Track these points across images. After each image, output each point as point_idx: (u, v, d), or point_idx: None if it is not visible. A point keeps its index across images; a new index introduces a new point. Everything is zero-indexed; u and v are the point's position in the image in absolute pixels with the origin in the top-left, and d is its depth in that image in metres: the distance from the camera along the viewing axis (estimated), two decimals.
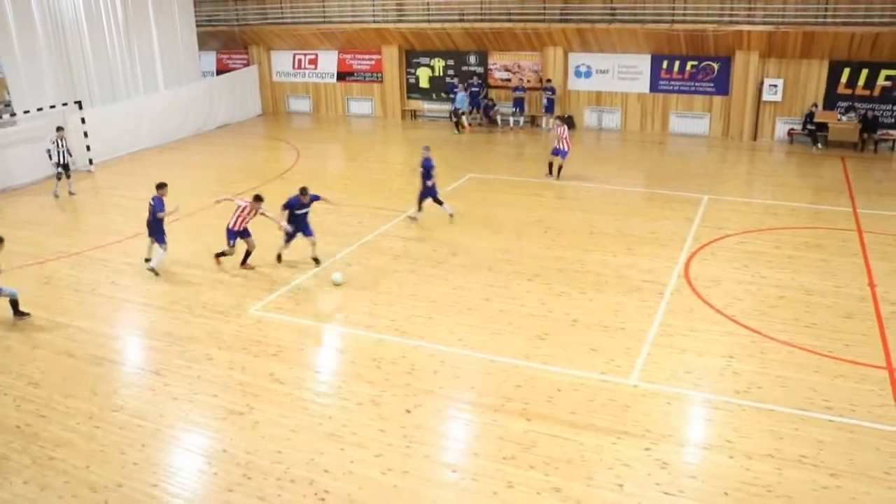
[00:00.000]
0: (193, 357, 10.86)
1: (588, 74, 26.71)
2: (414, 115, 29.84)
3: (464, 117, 27.22)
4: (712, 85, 25.13)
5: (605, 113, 26.83)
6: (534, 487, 7.91)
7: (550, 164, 20.27)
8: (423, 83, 29.33)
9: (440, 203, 16.31)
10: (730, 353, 10.68)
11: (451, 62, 28.64)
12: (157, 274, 13.94)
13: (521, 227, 16.29)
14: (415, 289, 13.06)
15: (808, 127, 23.61)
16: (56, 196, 19.38)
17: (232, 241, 13.84)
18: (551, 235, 15.73)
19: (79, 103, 22.21)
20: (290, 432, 8.96)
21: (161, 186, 14.00)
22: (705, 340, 11.12)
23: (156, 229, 13.88)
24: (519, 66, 27.59)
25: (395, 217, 16.96)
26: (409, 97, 29.83)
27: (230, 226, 13.76)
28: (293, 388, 10.01)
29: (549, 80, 26.54)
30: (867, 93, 23.24)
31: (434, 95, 29.06)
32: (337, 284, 13.16)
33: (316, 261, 14.15)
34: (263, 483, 8.04)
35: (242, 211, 13.68)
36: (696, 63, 25.09)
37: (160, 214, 13.72)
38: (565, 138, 19.63)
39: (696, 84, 25.36)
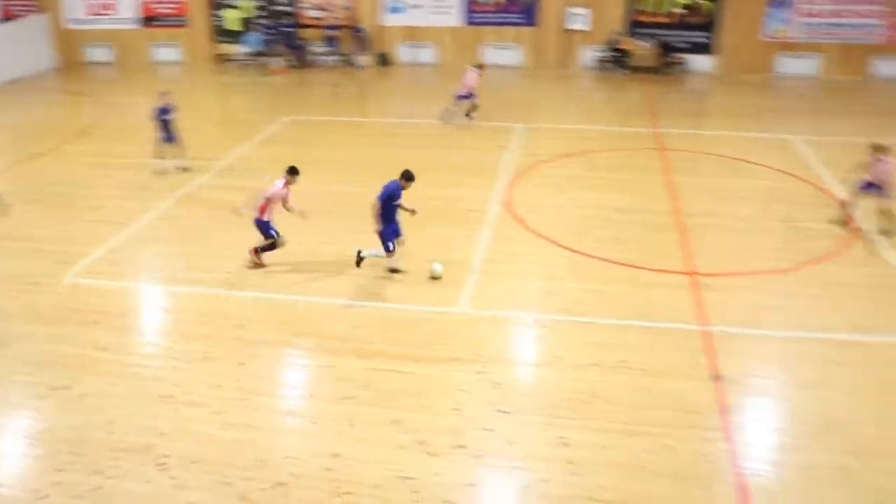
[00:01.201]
0: (8, 335, 10.06)
1: (401, 10, 26.56)
2: (226, 59, 28.51)
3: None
4: (522, 16, 25.73)
5: (421, 48, 26.85)
6: (375, 423, 8.07)
7: (468, 111, 19.49)
8: (233, 25, 28.02)
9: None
10: (551, 274, 11.28)
11: (261, 2, 27.50)
12: None
13: (347, 167, 16.18)
14: (236, 239, 12.46)
15: (613, 54, 24.84)
16: None
17: (273, 231, 11.61)
18: (377, 172, 15.61)
19: None
20: (119, 400, 8.58)
21: None
22: (528, 263, 11.66)
23: None
24: (330, 3, 26.95)
25: (211, 167, 16.34)
26: (219, 41, 28.45)
27: (261, 217, 11.49)
28: (119, 354, 9.55)
29: (355, 20, 26.10)
30: (665, 20, 24.76)
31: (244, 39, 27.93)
32: (436, 277, 11.21)
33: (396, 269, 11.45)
34: (97, 456, 7.68)
35: (274, 196, 11.42)
36: None
37: None
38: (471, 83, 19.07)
39: (507, 16, 25.88)
